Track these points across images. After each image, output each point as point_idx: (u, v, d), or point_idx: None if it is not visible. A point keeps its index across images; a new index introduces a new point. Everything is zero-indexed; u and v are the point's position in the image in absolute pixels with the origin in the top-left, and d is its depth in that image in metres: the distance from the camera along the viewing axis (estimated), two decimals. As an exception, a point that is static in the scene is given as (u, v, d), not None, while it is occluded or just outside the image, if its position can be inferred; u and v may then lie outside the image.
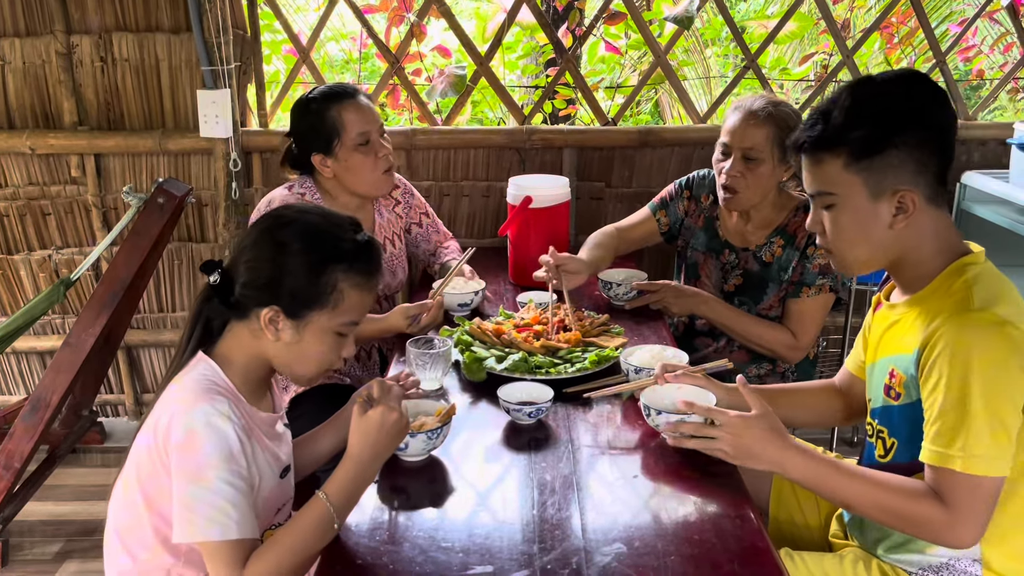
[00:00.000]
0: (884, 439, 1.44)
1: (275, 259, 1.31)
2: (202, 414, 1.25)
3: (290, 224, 1.34)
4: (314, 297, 1.31)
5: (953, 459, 1.26)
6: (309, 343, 1.34)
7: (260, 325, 1.32)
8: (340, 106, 2.09)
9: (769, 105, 2.04)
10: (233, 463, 1.25)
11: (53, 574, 2.40)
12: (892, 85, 1.35)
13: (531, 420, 1.62)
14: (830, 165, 1.34)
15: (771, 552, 1.25)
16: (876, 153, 1.31)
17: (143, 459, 1.32)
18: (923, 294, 1.37)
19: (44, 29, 2.75)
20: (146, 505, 1.33)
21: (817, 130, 1.34)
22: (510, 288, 2.37)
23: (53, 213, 2.91)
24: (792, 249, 2.11)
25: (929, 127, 1.32)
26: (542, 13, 2.98)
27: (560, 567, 1.21)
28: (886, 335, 1.45)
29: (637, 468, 1.49)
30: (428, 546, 1.26)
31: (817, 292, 2.07)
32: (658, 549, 1.26)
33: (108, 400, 3.15)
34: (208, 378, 1.32)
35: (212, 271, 1.34)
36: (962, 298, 1.30)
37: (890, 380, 1.41)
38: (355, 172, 2.12)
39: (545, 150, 2.89)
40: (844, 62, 3.00)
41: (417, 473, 1.47)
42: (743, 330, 2.12)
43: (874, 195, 1.33)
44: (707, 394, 1.60)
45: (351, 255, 1.33)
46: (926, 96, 1.34)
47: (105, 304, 2.31)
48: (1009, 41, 3.70)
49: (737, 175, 2.05)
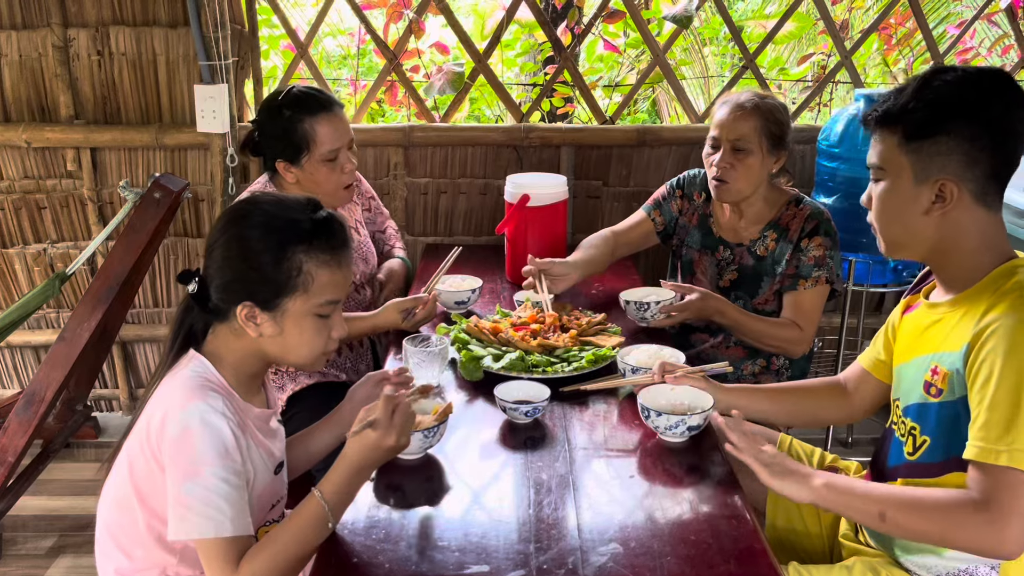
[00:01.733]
0: (915, 436, 1.43)
1: (239, 255, 1.31)
2: (196, 411, 1.24)
3: (246, 217, 1.33)
4: (283, 284, 1.30)
5: (999, 454, 1.23)
6: (291, 331, 1.33)
7: (238, 324, 1.32)
8: (315, 119, 2.02)
9: (756, 97, 2.10)
10: (228, 459, 1.25)
11: (47, 569, 2.39)
12: (968, 77, 1.35)
13: (528, 419, 1.62)
14: (887, 141, 1.37)
15: (767, 553, 1.25)
16: (927, 137, 1.32)
17: (136, 457, 1.32)
18: (970, 292, 1.37)
19: (41, 22, 2.73)
20: (140, 503, 1.32)
21: (886, 105, 1.37)
22: (507, 286, 2.37)
23: (49, 207, 2.90)
24: (786, 243, 2.13)
25: (986, 123, 1.32)
26: (541, 11, 2.97)
27: (556, 567, 1.21)
28: (926, 333, 1.44)
29: (633, 468, 1.49)
30: (424, 545, 1.26)
31: (814, 284, 2.10)
32: (654, 549, 1.26)
33: (102, 395, 3.15)
34: (201, 375, 1.31)
35: (189, 280, 1.33)
36: (1018, 296, 1.29)
37: (932, 376, 1.40)
38: (318, 184, 2.06)
39: (543, 148, 2.89)
40: (842, 63, 3.00)
41: (413, 471, 1.47)
42: (754, 331, 2.13)
43: (918, 179, 1.34)
44: (704, 395, 1.61)
45: (310, 234, 1.31)
46: (996, 94, 1.33)
47: (100, 299, 2.30)
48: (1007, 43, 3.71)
49: (727, 166, 2.09)
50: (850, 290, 2.76)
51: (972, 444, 1.27)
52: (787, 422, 1.88)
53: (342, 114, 2.09)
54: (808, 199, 2.18)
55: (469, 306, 2.14)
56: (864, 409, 1.69)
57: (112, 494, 1.37)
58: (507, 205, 2.37)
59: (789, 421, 1.86)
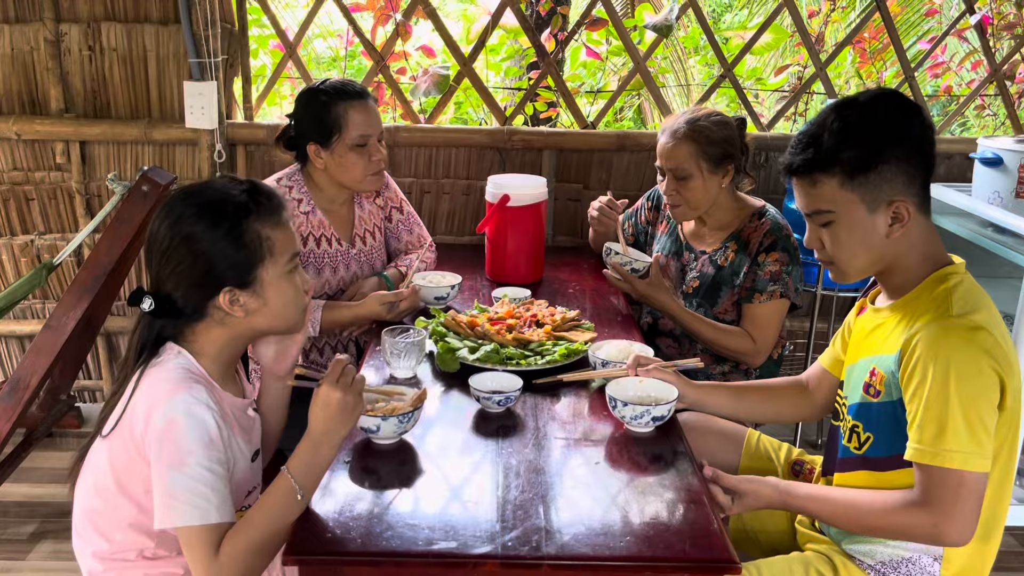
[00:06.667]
0: (859, 434, 1.51)
1: (196, 252, 1.34)
2: (182, 402, 1.29)
3: (183, 216, 1.35)
4: (252, 258, 1.35)
5: (934, 455, 1.33)
6: (274, 298, 1.38)
7: (223, 313, 1.36)
8: (348, 104, 2.12)
9: (686, 124, 2.15)
10: (212, 449, 1.29)
11: (27, 554, 2.43)
12: (874, 104, 1.43)
13: (500, 408, 1.68)
14: (826, 185, 1.42)
15: (722, 535, 1.31)
16: (870, 170, 1.39)
17: (116, 448, 1.35)
18: (907, 299, 1.46)
19: (33, 16, 2.78)
20: (120, 492, 1.36)
21: (810, 153, 1.42)
22: (486, 284, 2.43)
23: (37, 198, 2.94)
24: (744, 255, 2.18)
25: (913, 140, 1.41)
26: (526, 17, 3.04)
27: (520, 544, 1.27)
28: (869, 336, 1.52)
29: (600, 456, 1.55)
30: (395, 523, 1.32)
31: (769, 298, 2.14)
32: (614, 530, 1.32)
33: (86, 385, 3.18)
34: (184, 367, 1.35)
35: (142, 299, 1.35)
36: (942, 304, 1.39)
37: (870, 378, 1.48)
38: (346, 169, 2.16)
39: (525, 151, 2.96)
40: (818, 74, 3.08)
41: (388, 455, 1.53)
42: (701, 335, 2.18)
43: (871, 208, 1.41)
44: (670, 388, 1.67)
45: (253, 203, 1.36)
46: (906, 111, 1.42)
47: (87, 288, 2.34)
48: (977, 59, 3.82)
49: (673, 192, 2.19)
50: (819, 294, 2.84)
51: (910, 446, 1.37)
52: (750, 418, 1.95)
53: (374, 106, 2.19)
54: (771, 212, 2.22)
55: (448, 302, 2.19)
56: (824, 406, 1.76)
57: (91, 481, 1.41)
58: (488, 205, 2.43)
59: (752, 418, 1.93)
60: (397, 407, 1.53)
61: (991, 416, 1.35)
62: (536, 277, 2.46)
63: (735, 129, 2.19)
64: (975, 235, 2.65)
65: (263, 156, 2.93)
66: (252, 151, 2.93)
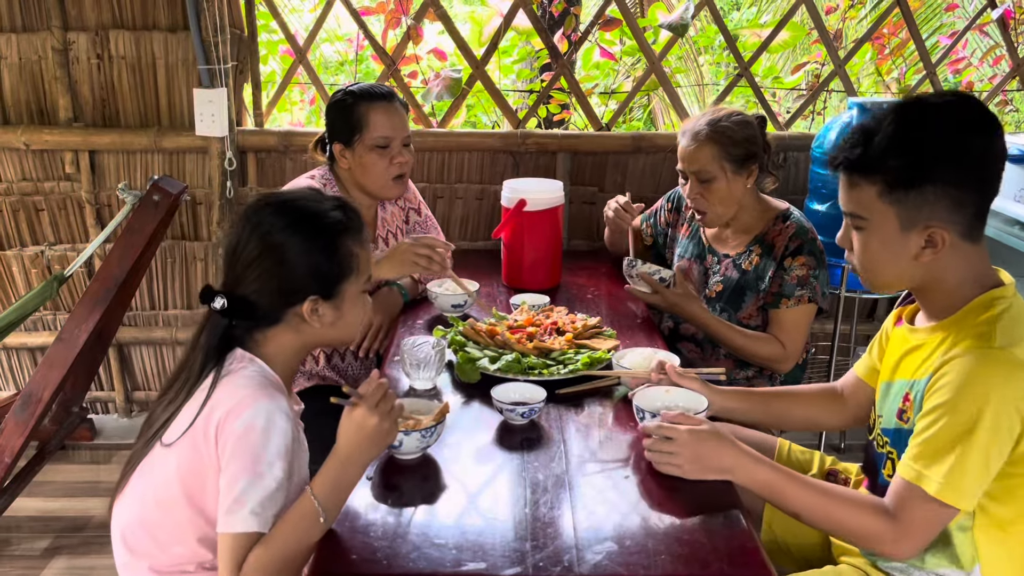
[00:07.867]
0: (894, 460, 1.43)
1: (289, 261, 1.35)
2: (264, 410, 1.28)
3: (277, 226, 1.36)
4: (341, 271, 1.39)
5: (930, 481, 1.28)
6: (349, 312, 1.42)
7: (300, 320, 1.37)
8: (371, 105, 2.14)
9: (707, 125, 2.10)
10: (286, 460, 1.29)
11: (41, 570, 2.39)
12: (940, 112, 1.31)
13: (524, 420, 1.63)
14: (865, 191, 1.32)
15: (759, 551, 1.26)
16: (912, 187, 1.28)
17: (186, 455, 1.32)
18: (948, 322, 1.37)
19: (41, 25, 2.75)
20: (187, 502, 1.33)
21: (857, 152, 1.32)
22: (503, 291, 2.39)
23: (47, 209, 2.91)
24: (769, 259, 2.13)
25: (971, 163, 1.28)
26: (538, 18, 3.00)
27: (552, 564, 1.23)
28: (907, 358, 1.44)
29: (628, 468, 1.51)
30: (421, 543, 1.28)
31: (796, 303, 2.09)
32: (648, 548, 1.27)
33: (99, 397, 3.15)
34: (263, 375, 1.35)
35: (213, 297, 1.35)
36: (984, 333, 1.29)
37: (903, 404, 1.41)
38: (366, 170, 2.17)
39: (539, 154, 2.92)
40: (836, 72, 3.03)
41: (411, 471, 1.48)
42: (731, 344, 2.13)
43: (905, 227, 1.31)
44: (699, 398, 1.62)
45: (346, 221, 1.40)
46: (973, 128, 1.29)
47: (98, 300, 2.31)
48: (999, 54, 3.76)
49: (697, 196, 2.14)
50: (843, 297, 2.79)
51: (906, 464, 1.32)
52: (779, 425, 1.90)
53: (400, 110, 2.20)
54: (795, 214, 2.17)
55: (466, 310, 2.15)
56: (859, 416, 1.71)
57: (152, 495, 1.37)
58: (504, 210, 2.39)
59: (782, 425, 1.88)
60: (420, 421, 1.49)
61: (999, 462, 1.28)
62: (554, 283, 2.42)
63: (756, 128, 2.14)
64: (1001, 233, 2.60)
65: (274, 163, 2.90)
66: (263, 158, 2.90)
